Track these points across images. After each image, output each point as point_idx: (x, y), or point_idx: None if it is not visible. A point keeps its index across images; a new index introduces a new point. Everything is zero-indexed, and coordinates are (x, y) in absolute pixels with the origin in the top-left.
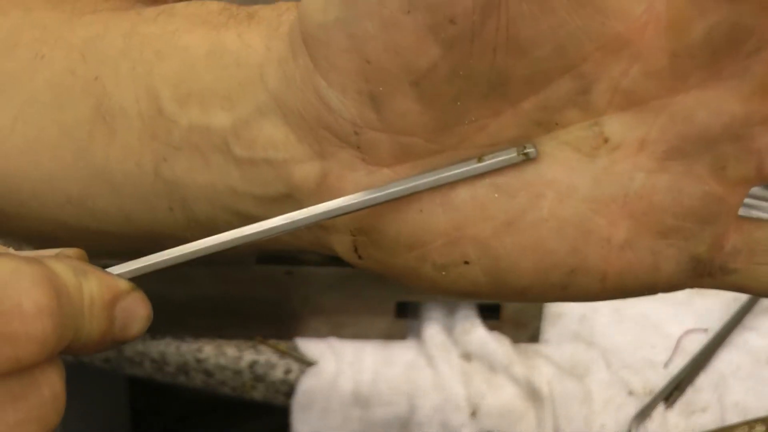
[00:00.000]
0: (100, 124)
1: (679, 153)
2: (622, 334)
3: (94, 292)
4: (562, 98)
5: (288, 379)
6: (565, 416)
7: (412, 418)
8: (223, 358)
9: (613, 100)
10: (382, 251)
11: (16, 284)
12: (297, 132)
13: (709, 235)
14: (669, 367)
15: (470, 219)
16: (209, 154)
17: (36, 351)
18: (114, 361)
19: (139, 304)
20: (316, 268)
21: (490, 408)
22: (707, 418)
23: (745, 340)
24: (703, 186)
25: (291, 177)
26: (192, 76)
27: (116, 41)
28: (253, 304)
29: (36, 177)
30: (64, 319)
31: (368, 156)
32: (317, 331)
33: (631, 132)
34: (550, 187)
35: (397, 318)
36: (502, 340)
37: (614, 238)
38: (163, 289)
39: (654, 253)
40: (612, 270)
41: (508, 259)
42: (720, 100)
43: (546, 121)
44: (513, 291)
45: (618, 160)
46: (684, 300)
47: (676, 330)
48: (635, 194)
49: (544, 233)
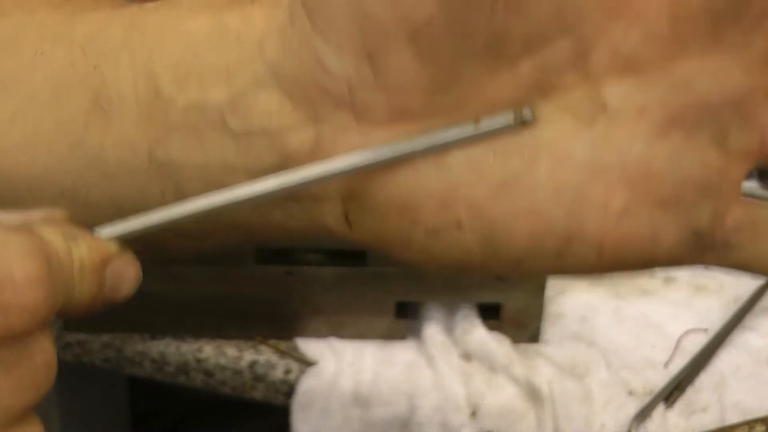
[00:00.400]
0: (96, 113)
1: (679, 122)
2: (622, 334)
3: (84, 256)
4: (560, 61)
5: (288, 379)
6: (565, 416)
7: (412, 418)
8: (223, 358)
9: (612, 65)
10: (373, 217)
11: (6, 255)
12: (292, 98)
13: (710, 208)
14: (669, 367)
15: (464, 181)
16: (205, 132)
17: (28, 320)
18: (114, 361)
19: (128, 265)
20: (316, 268)
21: (490, 408)
22: (707, 418)
23: (745, 340)
24: (704, 155)
25: (285, 145)
26: (192, 57)
27: (117, 33)
28: (253, 304)
29: (32, 172)
30: (55, 286)
31: (363, 116)
32: (317, 331)
33: (630, 98)
34: (546, 152)
35: (397, 318)
36: (502, 340)
37: (612, 205)
38: (163, 289)
39: (653, 223)
40: (609, 240)
41: (502, 224)
42: (721, 69)
43: (544, 85)
44: (507, 259)
45: (617, 128)
46: (684, 300)
47: (676, 330)
48: (634, 162)
49: (540, 197)
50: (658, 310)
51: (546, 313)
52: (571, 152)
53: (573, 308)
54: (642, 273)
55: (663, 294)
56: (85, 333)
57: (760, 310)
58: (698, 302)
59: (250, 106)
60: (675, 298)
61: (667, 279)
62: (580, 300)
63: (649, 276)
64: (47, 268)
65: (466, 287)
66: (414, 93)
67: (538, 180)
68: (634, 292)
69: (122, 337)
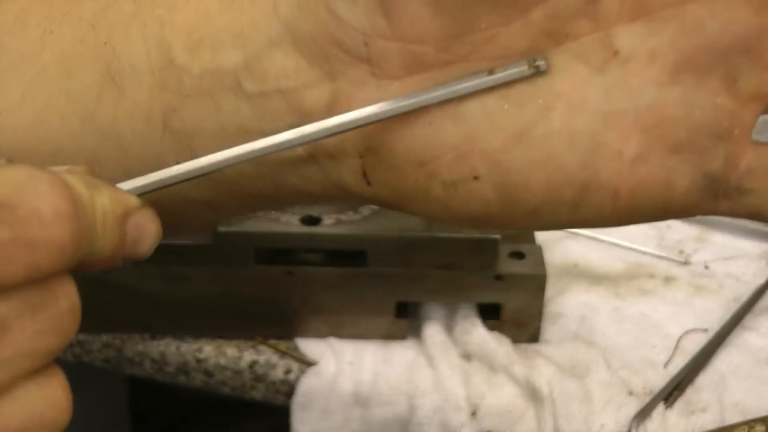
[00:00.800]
0: (108, 86)
1: (690, 65)
2: (622, 334)
3: (107, 207)
4: (571, 8)
5: (288, 379)
6: (565, 416)
7: (412, 418)
8: (223, 358)
9: (622, 10)
10: (391, 171)
11: (33, 189)
12: (307, 56)
13: (722, 151)
14: (669, 367)
15: (480, 131)
16: (220, 97)
17: (55, 258)
18: (114, 361)
19: (150, 220)
20: (316, 268)
21: (490, 408)
22: (707, 418)
23: (745, 340)
24: (716, 99)
25: (302, 104)
26: (205, 23)
27: (126, 6)
28: (253, 304)
29: (45, 149)
30: (81, 226)
31: (378, 69)
32: (317, 331)
33: (641, 43)
34: (560, 100)
35: (397, 318)
36: (502, 340)
37: (626, 151)
38: (163, 289)
39: (667, 168)
40: (624, 185)
41: (519, 173)
42: (731, 10)
43: (556, 32)
44: (524, 210)
45: (629, 73)
46: (684, 300)
47: (676, 330)
48: (646, 107)
49: (555, 146)
50: (658, 310)
51: (546, 313)
52: (584, 99)
53: (573, 308)
54: (657, 221)
55: (663, 294)
56: (85, 333)
57: (759, 310)
58: (698, 302)
59: (266, 67)
60: (675, 298)
61: (667, 279)
62: (579, 300)
63: (649, 276)
64: (74, 206)
65: (466, 287)
66: (428, 42)
67: (552, 129)
68: (634, 292)
69: (122, 337)
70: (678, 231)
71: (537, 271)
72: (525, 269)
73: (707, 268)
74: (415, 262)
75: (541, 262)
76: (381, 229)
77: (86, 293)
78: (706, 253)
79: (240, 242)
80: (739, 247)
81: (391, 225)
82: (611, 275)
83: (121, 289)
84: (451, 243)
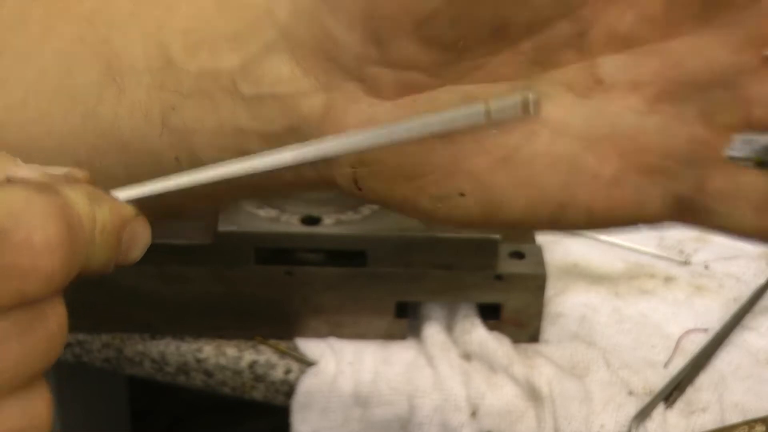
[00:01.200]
0: (108, 84)
1: (669, 96)
2: (622, 334)
3: (106, 219)
4: (559, 40)
5: (288, 379)
6: (565, 416)
7: (412, 418)
8: (223, 358)
9: (608, 43)
10: (381, 183)
11: (28, 216)
12: (303, 65)
13: (693, 176)
14: (669, 367)
15: (467, 153)
16: (217, 97)
17: (42, 286)
18: (114, 361)
19: (143, 228)
20: (316, 268)
21: (490, 408)
22: (707, 418)
23: (745, 340)
24: (691, 129)
25: (297, 110)
26: (202, 24)
27: (124, 5)
28: (253, 304)
29: (47, 145)
30: (74, 251)
31: (371, 89)
32: (317, 331)
33: (624, 73)
34: (545, 126)
35: (397, 318)
36: (502, 340)
37: (602, 174)
38: (163, 289)
39: (639, 191)
40: (599, 205)
41: (502, 193)
42: (711, 48)
43: (543, 61)
44: (505, 223)
45: (610, 101)
46: (684, 300)
47: (676, 330)
48: (625, 133)
49: (537, 169)
50: (658, 310)
51: (546, 313)
52: (567, 125)
53: (573, 308)
54: (628, 230)
55: (663, 294)
56: (85, 333)
57: (759, 310)
58: (698, 302)
59: (262, 72)
60: (675, 298)
61: (667, 279)
62: (579, 300)
63: (649, 276)
64: (68, 233)
65: (466, 287)
66: (419, 69)
67: (536, 152)
68: (634, 292)
69: (122, 337)
70: (678, 231)
71: (537, 271)
72: (525, 269)
73: (707, 268)
74: (415, 262)
75: (541, 262)
76: (381, 229)
77: (86, 293)
78: (706, 253)
79: (240, 242)
80: (739, 247)
81: (391, 225)
82: (611, 275)
83: (120, 289)
84: (451, 243)
